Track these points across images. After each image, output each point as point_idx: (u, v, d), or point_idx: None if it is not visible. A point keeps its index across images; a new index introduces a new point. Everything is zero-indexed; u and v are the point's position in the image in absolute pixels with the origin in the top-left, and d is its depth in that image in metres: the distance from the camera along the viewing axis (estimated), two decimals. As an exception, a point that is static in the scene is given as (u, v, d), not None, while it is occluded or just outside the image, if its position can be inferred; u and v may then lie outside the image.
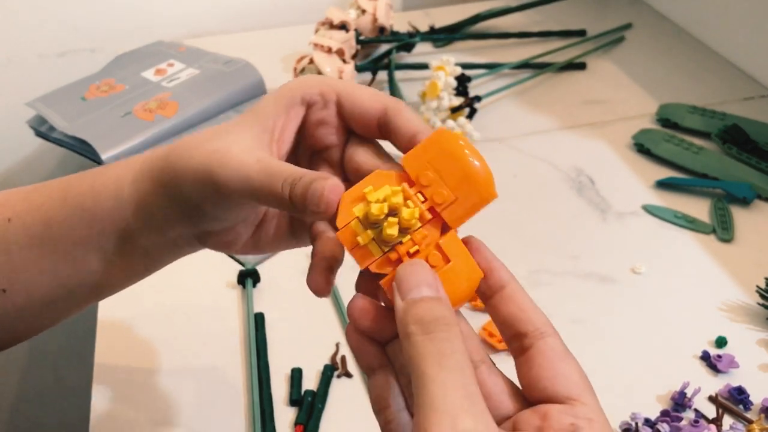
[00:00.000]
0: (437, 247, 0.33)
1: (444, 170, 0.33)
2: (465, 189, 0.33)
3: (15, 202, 0.43)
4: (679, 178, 0.74)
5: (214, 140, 0.38)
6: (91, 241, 0.41)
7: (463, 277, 0.33)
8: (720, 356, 0.56)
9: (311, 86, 0.39)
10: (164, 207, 0.40)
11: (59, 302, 0.44)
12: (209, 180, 0.37)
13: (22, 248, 0.42)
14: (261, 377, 0.56)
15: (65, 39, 1.00)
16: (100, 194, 0.41)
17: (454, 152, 0.33)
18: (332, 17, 0.90)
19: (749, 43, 0.89)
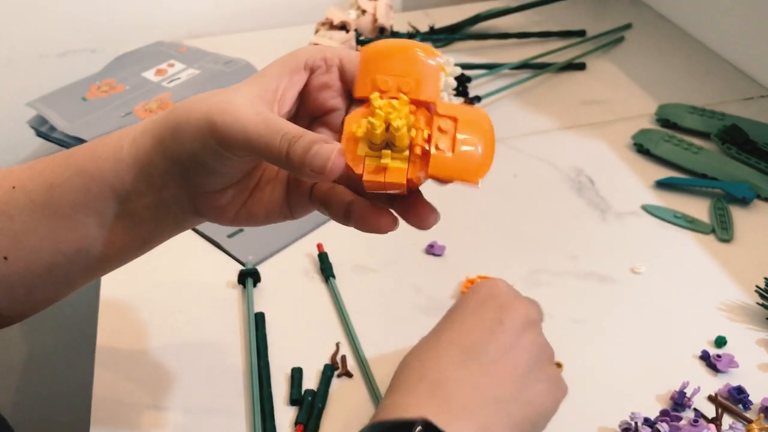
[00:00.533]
0: (438, 117, 0.36)
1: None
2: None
3: (19, 171, 0.44)
4: (679, 178, 0.74)
5: (217, 95, 0.39)
6: (89, 203, 0.42)
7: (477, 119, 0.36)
8: (719, 356, 0.56)
9: (315, 52, 0.40)
10: (162, 163, 0.41)
11: (58, 270, 0.44)
12: (209, 129, 0.38)
13: (23, 213, 0.43)
14: (261, 377, 0.56)
15: (66, 39, 1.00)
16: (100, 156, 0.42)
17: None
18: (332, 17, 0.90)
19: (749, 43, 0.89)
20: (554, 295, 0.62)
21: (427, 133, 0.36)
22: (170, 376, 0.56)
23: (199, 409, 0.54)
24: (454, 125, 0.35)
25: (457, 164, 0.35)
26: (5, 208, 0.43)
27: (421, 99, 0.36)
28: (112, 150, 0.42)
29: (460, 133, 0.35)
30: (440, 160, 0.35)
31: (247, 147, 0.37)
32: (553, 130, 0.83)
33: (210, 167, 0.40)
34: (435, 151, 0.35)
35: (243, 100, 0.38)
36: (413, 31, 0.97)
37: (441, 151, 0.35)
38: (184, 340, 0.59)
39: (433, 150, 0.35)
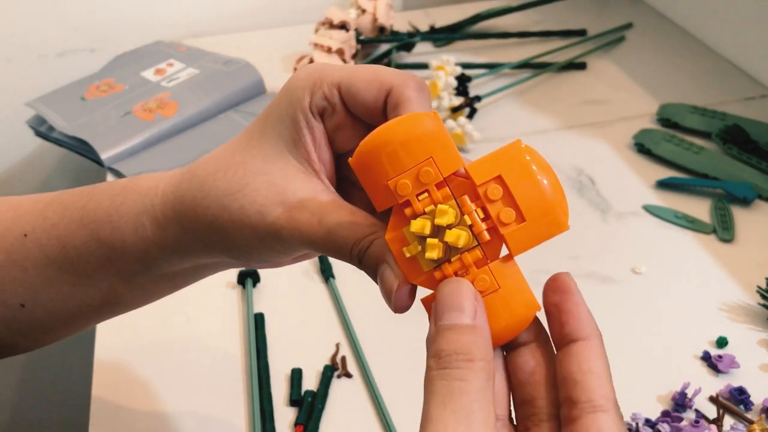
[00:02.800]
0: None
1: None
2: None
3: (30, 217, 0.41)
4: (680, 178, 0.74)
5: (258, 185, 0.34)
6: (112, 268, 0.39)
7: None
8: (720, 356, 0.56)
9: (316, 90, 0.34)
10: (201, 249, 0.37)
11: (82, 318, 0.43)
12: (269, 238, 0.34)
13: (38, 267, 0.40)
14: (261, 377, 0.55)
15: (65, 39, 1.00)
16: (119, 229, 0.38)
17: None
18: (332, 17, 0.90)
19: (750, 43, 0.89)
20: (555, 296, 0.62)
21: (480, 210, 0.30)
22: (170, 376, 0.56)
23: (198, 410, 0.54)
24: (502, 185, 0.29)
25: (535, 227, 0.29)
26: (18, 258, 0.40)
27: (447, 176, 0.30)
28: (133, 226, 0.38)
29: (515, 191, 0.29)
30: (517, 236, 0.30)
31: (316, 252, 0.34)
32: (554, 130, 0.83)
33: (264, 258, 0.37)
34: (504, 230, 0.29)
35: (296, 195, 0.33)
36: (413, 30, 0.97)
37: (509, 225, 0.29)
38: (183, 340, 0.59)
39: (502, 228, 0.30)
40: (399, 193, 0.30)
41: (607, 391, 0.28)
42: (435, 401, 0.27)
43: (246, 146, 0.36)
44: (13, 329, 0.43)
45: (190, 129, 0.81)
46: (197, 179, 0.36)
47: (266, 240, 0.34)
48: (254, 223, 0.34)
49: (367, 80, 0.34)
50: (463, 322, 0.28)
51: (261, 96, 0.87)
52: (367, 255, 0.32)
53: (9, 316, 0.42)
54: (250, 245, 0.35)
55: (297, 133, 0.34)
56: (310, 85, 0.35)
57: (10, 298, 0.41)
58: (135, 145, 0.78)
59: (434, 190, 0.30)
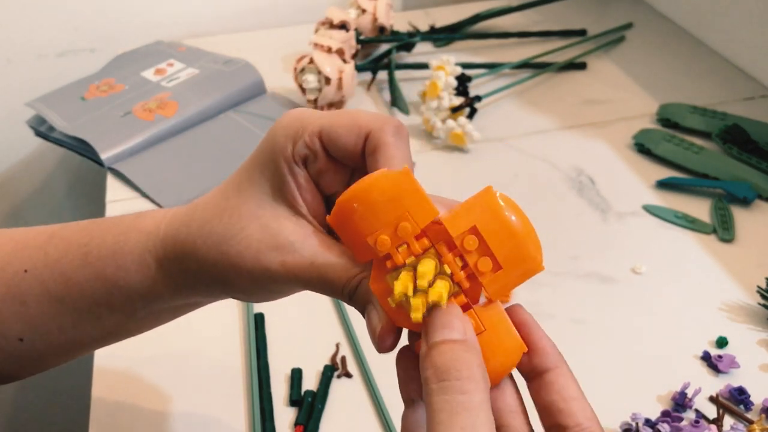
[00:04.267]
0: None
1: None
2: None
3: (31, 252, 0.41)
4: (680, 178, 0.74)
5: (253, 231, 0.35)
6: (115, 304, 0.40)
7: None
8: (721, 356, 0.56)
9: (297, 138, 0.35)
10: (204, 289, 0.38)
11: (80, 348, 0.43)
12: (263, 281, 0.35)
13: (39, 303, 0.40)
14: (261, 377, 0.55)
15: (65, 39, 1.00)
16: (123, 266, 0.39)
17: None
18: (332, 17, 0.90)
19: (750, 43, 0.89)
20: (554, 295, 0.62)
21: (458, 259, 0.31)
22: (170, 376, 0.56)
23: (198, 410, 0.54)
24: (477, 236, 0.31)
25: (512, 272, 0.31)
26: (18, 293, 0.41)
27: (423, 227, 0.31)
28: (137, 263, 0.39)
29: (490, 241, 0.31)
30: (495, 282, 0.31)
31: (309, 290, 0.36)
32: (554, 130, 0.83)
33: (264, 299, 0.38)
34: (482, 278, 0.31)
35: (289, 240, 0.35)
36: (413, 30, 0.97)
37: (486, 273, 0.31)
38: (183, 340, 0.59)
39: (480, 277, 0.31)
40: (379, 249, 0.31)
41: (589, 413, 0.30)
42: (440, 419, 0.27)
43: (238, 191, 0.37)
44: (11, 361, 0.43)
45: (190, 129, 0.81)
46: (196, 224, 0.37)
47: (263, 282, 0.35)
48: (251, 268, 0.35)
49: (346, 126, 0.35)
50: (454, 337, 0.29)
51: (261, 96, 0.87)
52: (356, 294, 0.33)
53: (7, 350, 0.42)
54: (248, 287, 0.36)
55: (281, 179, 0.36)
56: (292, 134, 0.36)
57: (8, 331, 0.41)
58: (135, 145, 0.78)
59: (413, 242, 0.31)
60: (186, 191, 0.74)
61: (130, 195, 0.74)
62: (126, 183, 0.75)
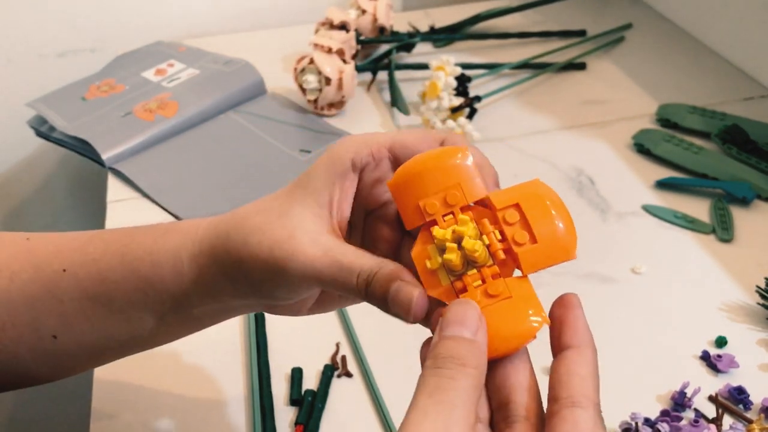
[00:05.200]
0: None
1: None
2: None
3: (70, 252, 0.43)
4: (679, 178, 0.74)
5: (277, 224, 0.37)
6: (147, 304, 0.41)
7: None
8: (720, 356, 0.56)
9: (361, 148, 0.37)
10: (229, 286, 0.39)
11: (108, 352, 0.44)
12: (278, 271, 0.36)
13: (74, 300, 0.42)
14: (261, 377, 0.56)
15: (65, 39, 1.00)
16: (158, 264, 0.40)
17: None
18: (332, 17, 0.90)
19: (749, 43, 0.89)
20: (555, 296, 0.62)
21: (498, 233, 0.33)
22: (170, 375, 0.56)
23: (199, 409, 0.54)
24: (519, 211, 0.33)
25: (547, 250, 0.33)
26: (55, 290, 0.42)
27: (472, 201, 0.34)
28: (171, 262, 0.40)
29: (530, 217, 0.33)
30: (529, 255, 0.33)
31: (322, 286, 0.37)
32: (554, 130, 0.83)
33: (278, 296, 0.39)
34: (518, 249, 0.33)
35: (307, 232, 0.36)
36: (413, 30, 0.97)
37: (523, 245, 0.32)
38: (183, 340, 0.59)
39: (516, 247, 0.33)
40: (427, 211, 0.33)
41: (589, 392, 0.30)
42: (423, 392, 0.29)
43: (283, 193, 0.39)
44: (41, 360, 0.44)
45: (191, 129, 0.82)
46: (236, 218, 0.39)
47: (275, 273, 0.36)
48: (265, 257, 0.36)
49: (418, 137, 0.38)
50: (464, 335, 0.30)
51: (261, 96, 0.87)
52: (375, 280, 0.34)
53: (40, 347, 0.43)
54: (262, 279, 0.37)
55: (328, 181, 0.37)
56: (355, 146, 0.37)
57: (43, 328, 0.42)
58: (136, 145, 0.78)
59: (458, 213, 0.33)
60: (186, 191, 0.74)
61: (131, 195, 0.74)
62: (127, 183, 0.75)
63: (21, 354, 0.43)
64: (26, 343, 0.43)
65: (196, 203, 0.72)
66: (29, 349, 0.43)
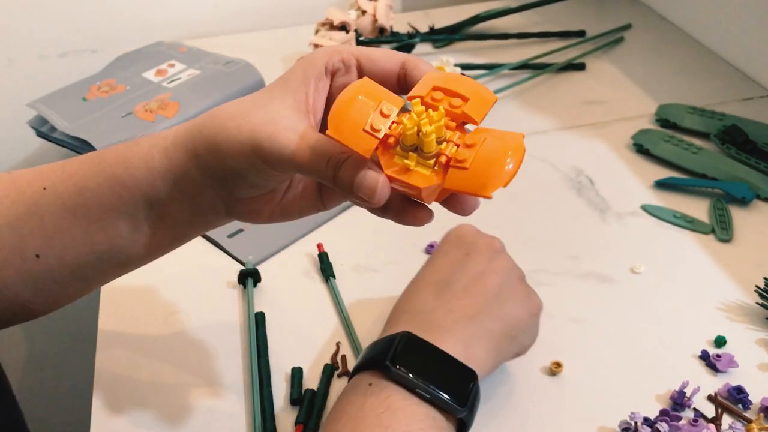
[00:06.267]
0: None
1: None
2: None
3: (50, 172, 0.45)
4: (678, 178, 0.74)
5: (257, 112, 0.39)
6: (121, 208, 0.43)
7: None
8: (719, 356, 0.56)
9: (333, 55, 0.41)
10: (198, 175, 0.41)
11: (88, 268, 0.45)
12: (255, 151, 0.39)
13: (55, 215, 0.44)
14: (261, 376, 0.56)
15: (66, 40, 1.00)
16: (131, 164, 0.43)
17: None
18: (332, 18, 0.90)
19: (748, 44, 0.90)
20: (554, 295, 0.62)
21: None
22: (170, 375, 0.57)
23: (199, 409, 0.54)
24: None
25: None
26: (36, 209, 0.44)
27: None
28: (143, 159, 0.42)
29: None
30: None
31: (295, 169, 0.39)
32: (553, 130, 0.83)
33: (251, 181, 0.41)
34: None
35: (285, 119, 0.39)
36: (413, 31, 0.97)
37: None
38: (184, 340, 0.60)
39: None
40: (373, 127, 0.36)
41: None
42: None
43: (259, 92, 0.42)
44: (28, 282, 0.45)
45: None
46: (209, 115, 0.41)
47: (251, 157, 0.39)
48: (243, 140, 0.39)
49: (384, 54, 0.41)
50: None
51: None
52: (344, 166, 0.37)
53: (24, 268, 0.45)
54: (238, 164, 0.40)
55: (304, 81, 0.40)
56: (329, 52, 0.41)
57: (27, 249, 0.44)
58: (136, 145, 0.78)
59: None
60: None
61: (131, 195, 0.74)
62: (127, 183, 0.76)
63: (8, 277, 0.45)
64: (12, 265, 0.45)
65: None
66: (15, 271, 0.45)
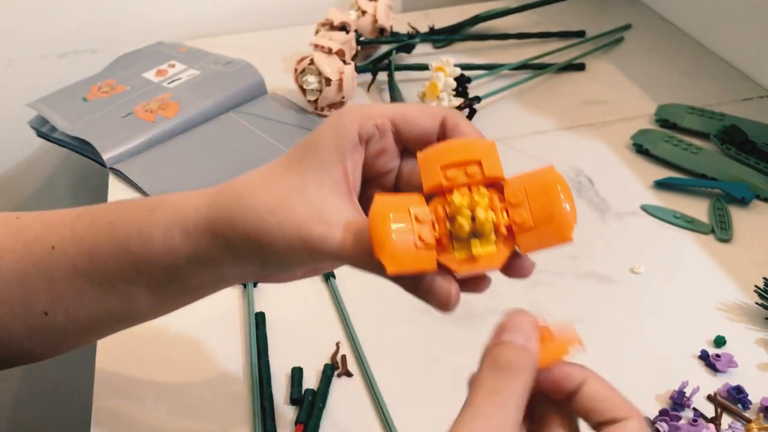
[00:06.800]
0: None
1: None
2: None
3: (58, 229, 0.43)
4: (678, 178, 0.75)
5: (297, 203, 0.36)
6: (138, 279, 0.41)
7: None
8: (719, 356, 0.56)
9: (366, 120, 0.38)
10: (228, 259, 0.39)
11: (100, 326, 0.44)
12: (306, 251, 0.36)
13: (65, 277, 0.42)
14: (261, 376, 0.56)
15: (66, 40, 1.00)
16: (149, 239, 0.40)
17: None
18: (332, 18, 0.90)
19: (748, 44, 0.90)
20: (554, 295, 0.62)
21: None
22: (170, 375, 0.57)
23: (199, 409, 0.54)
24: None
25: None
26: (45, 268, 0.42)
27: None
28: (162, 236, 0.39)
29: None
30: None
31: (350, 264, 0.36)
32: (553, 131, 0.83)
33: (293, 269, 0.39)
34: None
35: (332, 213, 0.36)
36: (413, 31, 0.97)
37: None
38: (184, 339, 0.60)
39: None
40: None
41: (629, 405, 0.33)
42: (480, 394, 0.31)
43: (285, 166, 0.38)
44: (35, 336, 0.44)
45: (192, 130, 0.82)
46: (235, 193, 0.38)
47: (300, 254, 0.36)
48: (291, 238, 0.36)
49: (421, 111, 0.38)
50: (520, 342, 0.32)
51: (262, 96, 0.87)
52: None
53: (31, 323, 0.43)
54: (284, 257, 0.37)
55: (339, 155, 0.37)
56: (358, 117, 0.38)
57: (35, 305, 0.42)
58: (137, 145, 0.78)
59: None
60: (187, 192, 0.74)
61: (132, 195, 0.75)
62: (128, 183, 0.76)
63: (14, 329, 0.43)
64: (18, 319, 0.43)
65: (197, 203, 0.73)
66: (22, 325, 0.43)
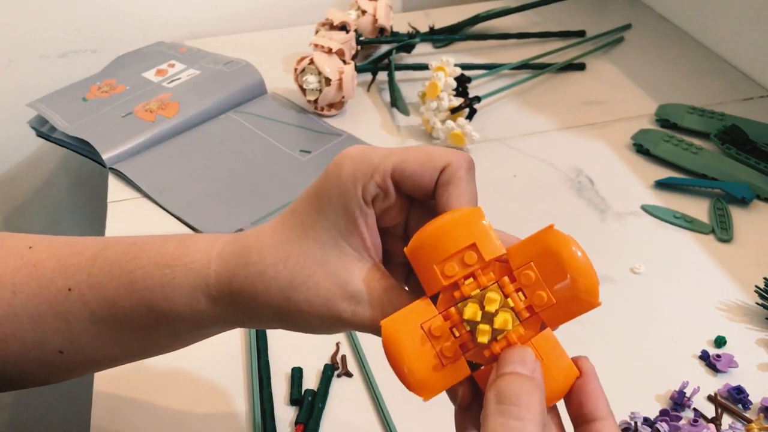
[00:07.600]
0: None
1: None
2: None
3: (74, 271, 0.41)
4: (678, 178, 0.75)
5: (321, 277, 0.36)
6: (159, 328, 0.40)
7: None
8: (719, 356, 0.56)
9: (367, 182, 0.35)
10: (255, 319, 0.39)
11: (117, 362, 0.44)
12: (336, 325, 0.36)
13: (82, 322, 0.41)
14: (261, 376, 0.56)
15: (66, 40, 1.00)
16: (172, 299, 0.39)
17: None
18: (332, 18, 0.90)
19: (748, 44, 0.90)
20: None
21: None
22: (170, 375, 0.57)
23: (199, 409, 0.54)
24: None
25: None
26: (61, 310, 0.41)
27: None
28: (187, 299, 0.39)
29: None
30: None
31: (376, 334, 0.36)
32: (553, 131, 0.83)
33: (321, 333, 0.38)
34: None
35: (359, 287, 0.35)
36: (413, 31, 0.97)
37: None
38: (184, 340, 0.60)
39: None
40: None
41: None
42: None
43: (301, 235, 0.37)
44: (48, 370, 0.43)
45: (191, 129, 0.82)
46: (255, 269, 0.37)
47: (330, 326, 0.36)
48: (321, 314, 0.36)
49: (420, 162, 0.35)
50: (524, 372, 0.31)
51: (262, 96, 0.87)
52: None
53: (45, 359, 0.42)
54: (313, 327, 0.37)
55: (352, 223, 0.36)
56: (360, 176, 0.35)
57: (49, 344, 0.41)
58: (136, 145, 0.78)
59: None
60: (187, 191, 0.74)
61: (132, 195, 0.75)
62: (127, 183, 0.76)
63: (27, 368, 0.43)
64: (32, 356, 0.42)
65: (197, 203, 0.73)
66: (35, 361, 0.42)
